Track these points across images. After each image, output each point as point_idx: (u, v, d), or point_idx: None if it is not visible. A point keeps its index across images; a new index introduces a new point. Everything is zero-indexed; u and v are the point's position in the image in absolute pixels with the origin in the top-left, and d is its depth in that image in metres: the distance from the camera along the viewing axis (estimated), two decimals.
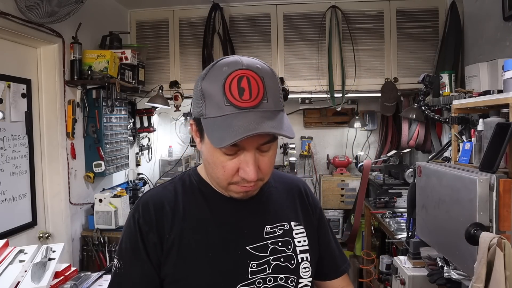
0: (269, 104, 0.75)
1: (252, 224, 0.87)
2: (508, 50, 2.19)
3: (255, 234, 0.86)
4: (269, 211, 0.90)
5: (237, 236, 0.85)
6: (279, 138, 0.79)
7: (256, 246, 0.85)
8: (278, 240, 0.87)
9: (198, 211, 0.86)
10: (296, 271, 0.87)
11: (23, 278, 1.30)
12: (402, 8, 3.22)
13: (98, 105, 2.74)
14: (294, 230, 0.90)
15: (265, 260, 0.84)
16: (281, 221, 0.90)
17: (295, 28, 3.32)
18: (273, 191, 0.94)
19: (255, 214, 0.88)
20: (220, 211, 0.87)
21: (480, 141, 1.61)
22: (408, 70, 3.22)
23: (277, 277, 0.84)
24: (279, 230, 0.89)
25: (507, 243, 1.20)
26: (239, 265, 0.83)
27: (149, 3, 3.36)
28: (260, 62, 0.79)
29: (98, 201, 2.67)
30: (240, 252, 0.84)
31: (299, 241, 0.90)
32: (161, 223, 0.84)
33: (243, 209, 0.87)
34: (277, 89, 0.78)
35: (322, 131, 4.19)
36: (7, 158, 2.19)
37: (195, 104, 0.81)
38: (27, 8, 2.05)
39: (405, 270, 1.82)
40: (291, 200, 0.96)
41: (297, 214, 0.94)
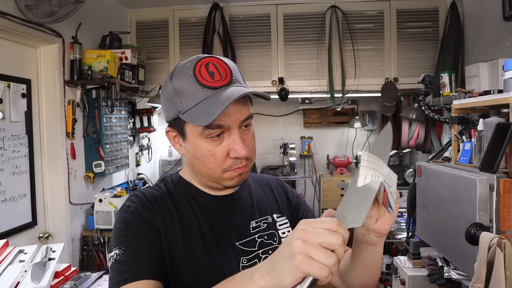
0: (239, 83, 0.81)
1: (239, 221, 0.89)
2: (508, 50, 2.19)
3: (242, 230, 0.88)
4: (253, 207, 0.93)
5: (226, 233, 0.86)
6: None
7: (244, 241, 0.87)
8: (264, 234, 0.90)
9: (186, 211, 0.86)
10: None
11: (23, 278, 1.30)
12: (402, 8, 3.22)
13: (98, 105, 2.74)
14: (277, 222, 0.94)
15: (255, 254, 0.87)
16: (264, 215, 0.93)
17: (295, 28, 3.32)
18: (252, 186, 0.97)
19: (240, 211, 0.91)
20: (207, 209, 0.87)
21: (480, 141, 1.61)
22: (408, 70, 3.22)
23: None
24: (263, 224, 0.92)
25: (507, 243, 1.20)
26: (231, 261, 0.84)
27: (149, 3, 3.36)
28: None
29: (98, 201, 2.67)
30: (231, 248, 0.85)
31: (283, 232, 0.93)
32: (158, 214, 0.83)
33: (229, 206, 0.90)
34: (240, 74, 0.84)
35: (322, 131, 4.19)
36: (7, 158, 2.19)
37: (168, 107, 0.82)
38: (27, 8, 2.05)
39: (405, 270, 1.82)
40: (270, 193, 0.98)
41: (278, 205, 0.97)
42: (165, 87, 0.83)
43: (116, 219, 0.85)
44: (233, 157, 0.80)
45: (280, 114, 4.13)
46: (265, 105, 4.06)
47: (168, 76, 0.83)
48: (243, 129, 0.82)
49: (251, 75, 3.36)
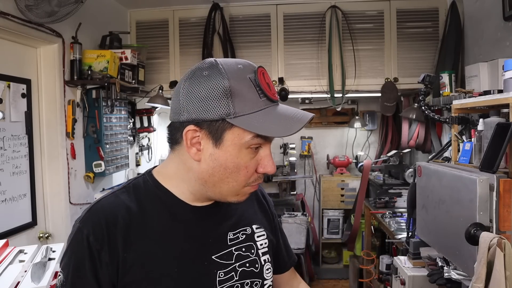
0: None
1: (216, 232, 0.84)
2: (508, 50, 2.19)
3: (219, 242, 0.84)
4: (231, 217, 0.88)
5: (202, 246, 0.81)
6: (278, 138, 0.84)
7: (221, 254, 0.83)
8: (242, 246, 0.86)
9: (159, 223, 0.79)
10: (261, 274, 0.88)
11: (23, 278, 1.30)
12: (402, 8, 3.22)
13: (98, 105, 2.74)
14: (256, 233, 0.91)
15: (232, 268, 0.83)
16: (243, 226, 0.89)
17: (295, 28, 3.32)
18: None
19: (218, 222, 0.86)
20: (183, 221, 0.82)
21: (480, 141, 1.61)
22: (408, 70, 3.22)
23: (244, 283, 0.84)
24: (241, 235, 0.88)
25: (507, 243, 1.20)
26: (206, 276, 0.80)
27: (149, 3, 3.36)
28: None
29: None
30: (206, 262, 0.80)
31: (261, 244, 0.90)
32: (115, 240, 0.75)
33: (207, 217, 0.84)
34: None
35: (322, 131, 4.19)
36: (7, 158, 2.19)
37: (208, 106, 0.73)
38: (27, 8, 2.04)
39: (405, 270, 1.82)
40: (250, 203, 0.94)
41: (256, 216, 0.94)
42: (211, 83, 0.73)
43: (71, 232, 0.79)
44: (261, 172, 0.78)
45: None
46: None
47: (210, 71, 0.75)
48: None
49: None
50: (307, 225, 3.67)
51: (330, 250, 4.12)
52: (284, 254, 1.04)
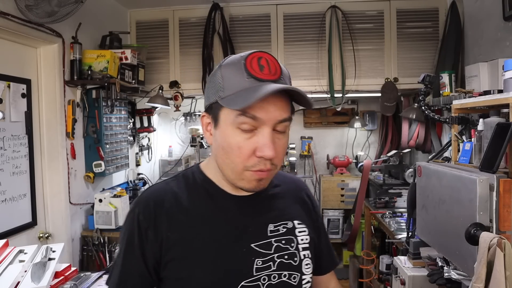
0: (286, 83, 0.80)
1: (256, 222, 0.88)
2: (508, 50, 2.19)
3: (259, 232, 0.87)
4: (273, 210, 0.91)
5: (241, 234, 0.85)
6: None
7: (260, 243, 0.85)
8: (282, 238, 0.88)
9: (202, 209, 0.86)
10: (299, 268, 0.88)
11: (23, 278, 1.30)
12: (402, 8, 3.22)
13: (98, 105, 2.74)
14: (297, 228, 0.92)
15: (270, 258, 0.85)
16: (285, 220, 0.91)
17: (295, 28, 3.32)
18: (276, 190, 0.95)
19: (259, 212, 0.89)
20: (224, 208, 0.87)
21: (480, 141, 1.61)
22: (408, 70, 3.22)
23: (281, 274, 0.86)
24: (282, 228, 0.90)
25: (507, 243, 1.20)
26: (244, 262, 0.83)
27: (149, 3, 3.36)
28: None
29: (98, 201, 2.67)
30: (245, 249, 0.84)
31: (302, 239, 0.91)
32: (160, 220, 0.83)
33: (247, 207, 0.88)
34: (289, 78, 0.84)
35: (322, 131, 4.19)
36: (7, 158, 2.19)
37: (210, 93, 0.83)
38: (27, 8, 2.05)
39: (405, 270, 1.82)
40: (294, 199, 0.97)
41: (299, 213, 0.96)
42: (214, 73, 0.83)
43: (127, 214, 0.89)
44: (259, 155, 0.77)
45: None
46: None
47: (218, 65, 0.84)
48: (277, 133, 0.79)
49: None
50: None
51: None
52: (326, 256, 1.05)
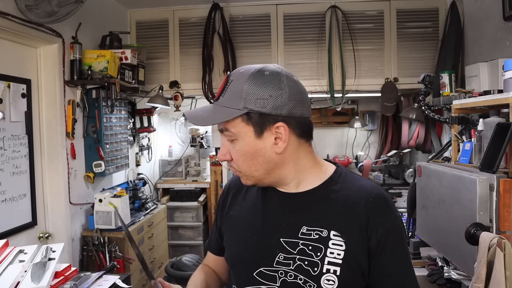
0: (221, 100, 0.87)
1: (292, 220, 0.90)
2: (508, 50, 2.19)
3: (291, 230, 0.89)
4: (313, 213, 0.89)
5: (275, 227, 0.91)
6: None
7: (288, 240, 0.88)
8: (310, 244, 0.87)
9: (254, 197, 0.98)
10: (317, 279, 0.85)
11: (23, 278, 1.30)
12: (402, 8, 3.22)
13: (98, 105, 2.74)
14: (331, 239, 0.86)
15: (292, 257, 0.87)
16: (321, 227, 0.87)
17: (295, 28, 3.32)
18: (330, 195, 0.90)
19: (297, 212, 0.90)
20: (270, 201, 0.95)
21: (480, 141, 1.61)
22: (408, 70, 3.22)
23: (297, 276, 0.86)
24: (315, 234, 0.87)
25: (507, 243, 1.20)
26: (269, 251, 0.89)
27: (149, 3, 3.36)
28: (258, 66, 0.87)
29: (98, 201, 2.67)
30: (273, 241, 0.89)
31: (332, 252, 0.85)
32: (227, 198, 1.05)
33: (289, 204, 0.92)
34: (241, 90, 0.84)
35: (322, 131, 4.19)
36: (7, 158, 2.19)
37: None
38: (27, 8, 2.04)
39: None
40: (345, 208, 0.88)
41: (343, 225, 0.87)
42: None
43: None
44: None
45: None
46: None
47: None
48: (230, 142, 0.90)
49: None
50: None
51: None
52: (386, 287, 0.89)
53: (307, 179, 0.92)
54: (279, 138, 0.86)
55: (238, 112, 0.84)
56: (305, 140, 0.91)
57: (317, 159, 0.95)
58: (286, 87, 0.85)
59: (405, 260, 0.90)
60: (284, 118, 0.85)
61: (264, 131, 0.85)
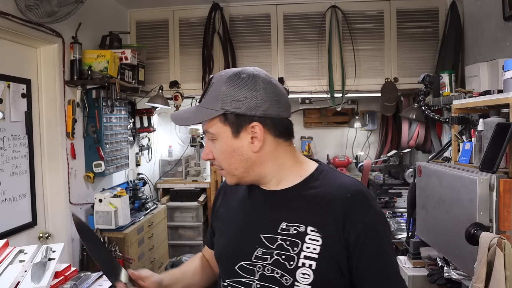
0: (203, 102, 0.93)
1: (273, 216, 0.93)
2: (508, 50, 2.19)
3: (271, 226, 0.92)
4: (292, 210, 0.92)
5: (256, 223, 0.95)
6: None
7: (268, 236, 0.92)
8: (288, 239, 0.90)
9: (242, 195, 1.02)
10: (293, 273, 0.87)
11: (23, 278, 1.30)
12: (402, 8, 3.22)
13: (98, 105, 2.74)
14: (308, 235, 0.88)
15: (270, 252, 0.90)
16: (299, 222, 0.90)
17: (295, 28, 3.32)
18: (309, 191, 0.93)
19: (279, 208, 0.94)
20: (255, 198, 0.99)
21: (480, 141, 1.61)
22: (408, 70, 3.22)
23: (274, 270, 0.89)
24: (294, 230, 0.90)
25: (507, 243, 1.21)
26: (249, 246, 0.93)
27: (149, 3, 3.36)
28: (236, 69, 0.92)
29: (98, 201, 2.67)
30: (254, 236, 0.93)
31: (308, 247, 0.88)
32: (218, 197, 1.12)
33: (269, 201, 0.96)
34: (218, 92, 0.90)
35: (322, 131, 4.19)
36: (7, 158, 2.19)
37: None
38: (27, 8, 2.04)
39: (405, 270, 1.82)
40: (324, 206, 0.90)
41: (320, 221, 0.89)
42: None
43: None
44: None
45: None
46: None
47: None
48: (211, 141, 0.95)
49: None
50: None
51: None
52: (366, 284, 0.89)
53: (288, 177, 0.95)
54: (255, 138, 0.90)
55: (216, 112, 0.89)
56: (283, 140, 0.94)
57: (297, 157, 0.99)
58: (261, 89, 0.89)
59: (388, 255, 0.91)
60: (260, 118, 0.89)
61: (241, 131, 0.90)
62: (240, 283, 0.93)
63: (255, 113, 0.88)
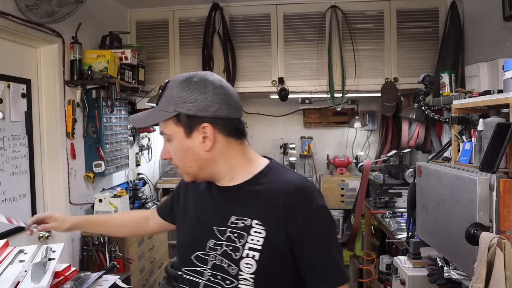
0: (159, 105, 0.99)
1: (225, 210, 1.00)
2: (508, 50, 2.19)
3: (222, 219, 0.99)
4: (241, 204, 0.99)
5: (211, 216, 1.02)
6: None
7: (219, 228, 0.99)
8: (236, 231, 0.97)
9: (202, 191, 1.08)
10: (237, 263, 0.94)
11: (23, 278, 1.30)
12: (402, 8, 3.22)
13: (98, 105, 2.74)
14: (253, 228, 0.95)
15: (220, 243, 0.97)
16: (246, 216, 0.97)
17: (295, 28, 3.32)
18: (257, 187, 0.99)
19: (230, 203, 1.01)
20: (210, 194, 1.06)
21: (480, 141, 1.61)
22: (408, 70, 3.22)
23: (223, 260, 0.96)
24: (241, 223, 0.97)
25: (507, 243, 1.21)
26: (203, 237, 1.00)
27: (149, 3, 3.36)
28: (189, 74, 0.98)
29: (98, 201, 2.67)
30: (208, 228, 1.00)
31: (253, 239, 0.94)
32: (181, 189, 1.18)
33: (224, 196, 1.03)
34: (172, 95, 0.96)
35: (322, 131, 4.19)
36: (7, 158, 2.19)
37: None
38: (27, 8, 2.05)
39: (405, 270, 1.82)
40: (268, 200, 0.96)
41: (265, 214, 0.95)
42: None
43: None
44: None
45: (280, 114, 4.13)
46: (265, 105, 4.06)
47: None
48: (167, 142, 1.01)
49: (251, 75, 3.36)
50: None
51: None
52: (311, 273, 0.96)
53: (239, 174, 1.01)
54: (206, 137, 0.95)
55: (169, 114, 0.95)
56: (234, 139, 1.00)
57: (249, 156, 1.04)
58: (211, 92, 0.94)
59: (329, 247, 0.95)
60: (210, 119, 0.94)
61: (193, 131, 0.95)
62: (194, 271, 1.00)
63: (205, 114, 0.94)
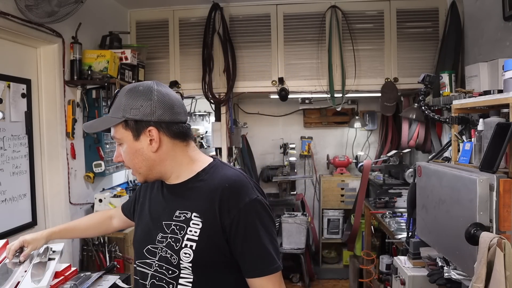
0: (110, 112, 1.08)
1: (171, 206, 1.09)
2: (508, 50, 2.19)
3: (169, 214, 1.08)
4: (184, 200, 1.08)
5: (161, 212, 1.11)
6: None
7: (166, 223, 1.08)
8: (178, 224, 1.05)
9: (156, 188, 1.18)
10: (178, 253, 1.03)
11: (23, 278, 1.30)
12: (402, 8, 3.22)
13: (98, 105, 2.74)
14: (192, 220, 1.04)
15: (165, 236, 1.06)
16: (187, 210, 1.06)
17: (295, 28, 3.32)
18: (198, 183, 1.09)
19: (175, 199, 1.10)
20: (161, 192, 1.15)
21: (480, 141, 1.61)
22: (408, 70, 3.22)
23: (167, 251, 1.05)
24: (183, 216, 1.06)
25: (507, 243, 1.21)
26: (153, 232, 1.09)
27: (149, 3, 3.36)
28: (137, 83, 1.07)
29: (98, 201, 2.67)
30: (158, 224, 1.09)
31: (191, 230, 1.03)
32: (139, 191, 1.27)
33: (171, 193, 1.12)
34: (120, 102, 1.05)
35: (322, 131, 4.19)
36: (7, 158, 2.19)
37: None
38: (27, 8, 2.05)
39: (405, 270, 1.82)
40: (206, 195, 1.06)
41: (203, 208, 1.04)
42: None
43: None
44: None
45: (280, 114, 4.13)
46: (265, 105, 4.06)
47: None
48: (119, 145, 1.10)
49: (251, 75, 3.36)
50: (307, 225, 3.67)
51: (330, 250, 4.13)
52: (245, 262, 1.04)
53: (184, 172, 1.10)
54: (152, 140, 1.04)
55: (118, 120, 1.04)
56: (180, 141, 1.08)
57: (194, 156, 1.12)
58: (155, 98, 1.03)
59: (260, 238, 1.02)
60: (155, 123, 1.03)
61: (140, 134, 1.04)
62: (145, 263, 1.10)
63: (151, 118, 1.02)
